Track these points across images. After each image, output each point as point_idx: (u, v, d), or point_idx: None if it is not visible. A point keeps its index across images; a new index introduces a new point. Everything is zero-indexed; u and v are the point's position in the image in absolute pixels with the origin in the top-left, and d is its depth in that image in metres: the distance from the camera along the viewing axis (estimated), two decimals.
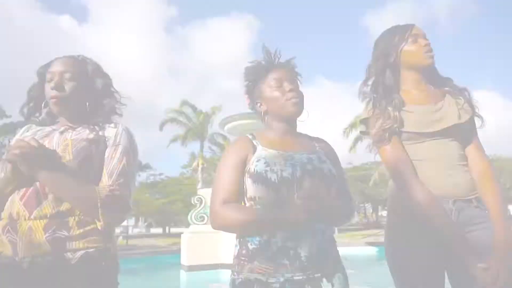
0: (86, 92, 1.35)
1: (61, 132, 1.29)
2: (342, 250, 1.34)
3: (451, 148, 1.42)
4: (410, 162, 1.40)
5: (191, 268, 7.49)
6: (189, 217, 8.13)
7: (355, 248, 12.94)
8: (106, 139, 1.31)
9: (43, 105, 1.36)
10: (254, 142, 1.31)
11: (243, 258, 1.20)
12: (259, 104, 1.37)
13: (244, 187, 1.23)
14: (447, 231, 1.29)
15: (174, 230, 38.37)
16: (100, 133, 1.31)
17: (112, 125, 1.36)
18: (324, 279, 1.16)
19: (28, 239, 1.12)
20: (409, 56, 1.49)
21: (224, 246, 7.10)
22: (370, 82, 1.57)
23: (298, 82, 1.38)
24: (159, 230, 38.83)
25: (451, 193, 1.36)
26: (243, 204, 1.25)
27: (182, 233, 8.56)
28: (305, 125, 1.41)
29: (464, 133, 1.44)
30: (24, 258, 1.12)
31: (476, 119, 1.49)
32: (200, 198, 8.01)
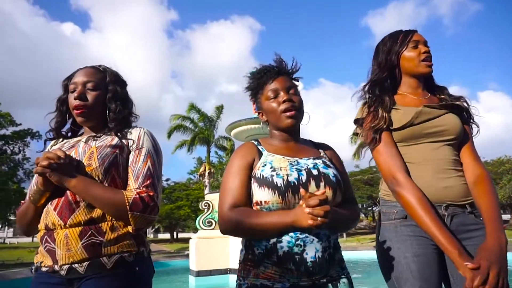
0: (107, 101, 1.37)
1: (85, 141, 1.32)
2: (351, 254, 1.34)
3: (443, 152, 1.40)
4: (402, 162, 1.37)
5: (199, 273, 7.49)
6: (197, 222, 8.15)
7: (363, 252, 12.81)
8: (129, 143, 1.33)
9: (67, 117, 1.39)
10: (260, 148, 1.31)
11: (249, 263, 1.19)
12: (260, 114, 1.39)
13: (251, 191, 1.22)
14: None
15: (181, 235, 38.42)
16: (123, 138, 1.33)
17: (134, 129, 1.38)
18: (330, 285, 1.16)
19: (66, 247, 1.15)
20: (407, 62, 1.50)
21: (233, 251, 7.11)
22: (369, 84, 1.57)
23: (297, 89, 1.37)
24: (167, 236, 38.88)
25: (442, 196, 1.33)
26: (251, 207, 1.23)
27: (189, 238, 8.57)
28: (309, 127, 1.40)
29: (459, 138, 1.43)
30: (63, 265, 1.15)
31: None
32: (207, 203, 8.02)
